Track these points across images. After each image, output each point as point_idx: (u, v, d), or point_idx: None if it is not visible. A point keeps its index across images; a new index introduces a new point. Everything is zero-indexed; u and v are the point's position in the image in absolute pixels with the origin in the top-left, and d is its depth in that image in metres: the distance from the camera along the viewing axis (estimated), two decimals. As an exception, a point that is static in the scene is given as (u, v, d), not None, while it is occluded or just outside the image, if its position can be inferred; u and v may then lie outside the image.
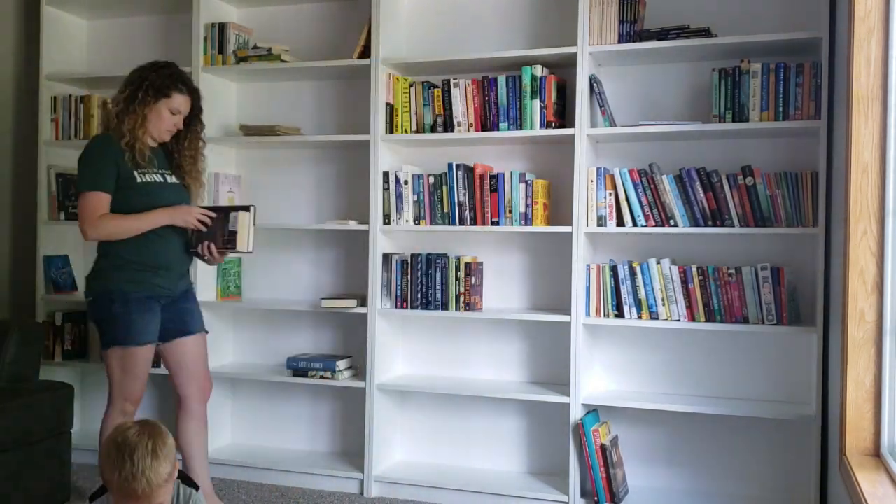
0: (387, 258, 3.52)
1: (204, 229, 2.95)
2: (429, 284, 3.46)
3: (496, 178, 3.39)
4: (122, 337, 2.86)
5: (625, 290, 3.22)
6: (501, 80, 3.39)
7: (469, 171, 3.44)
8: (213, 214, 2.95)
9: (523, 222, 3.35)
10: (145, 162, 2.92)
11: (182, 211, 2.94)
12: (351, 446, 3.77)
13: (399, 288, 3.50)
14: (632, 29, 3.22)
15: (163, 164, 3.02)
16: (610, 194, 3.24)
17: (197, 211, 2.95)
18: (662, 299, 3.17)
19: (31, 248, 4.09)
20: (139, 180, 2.90)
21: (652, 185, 3.18)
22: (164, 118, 2.94)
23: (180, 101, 2.95)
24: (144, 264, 2.89)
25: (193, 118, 3.05)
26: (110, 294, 2.86)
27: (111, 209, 2.86)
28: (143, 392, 2.99)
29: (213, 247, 2.96)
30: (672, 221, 3.17)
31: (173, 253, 2.98)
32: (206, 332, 3.14)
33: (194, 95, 3.02)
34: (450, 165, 3.44)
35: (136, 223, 2.86)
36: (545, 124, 3.33)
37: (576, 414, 3.25)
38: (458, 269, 3.42)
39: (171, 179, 3.02)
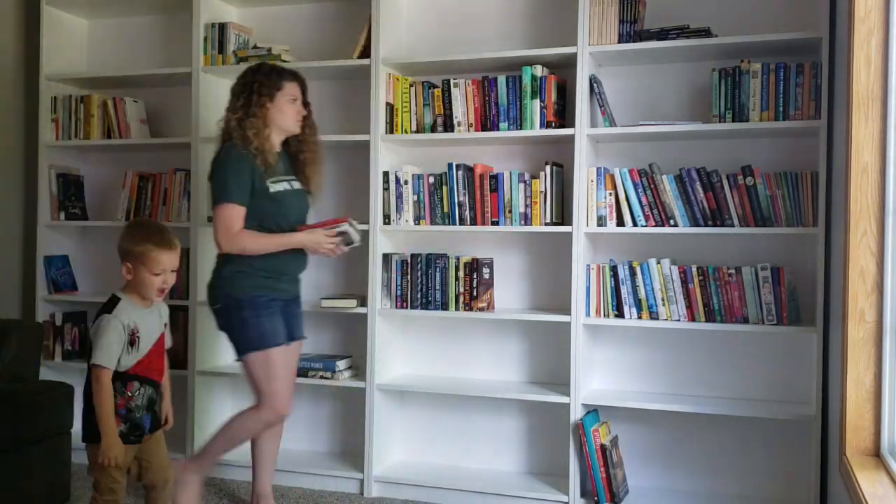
0: (387, 258, 3.53)
1: (333, 256, 3.09)
2: (429, 284, 3.46)
3: (496, 178, 3.39)
4: (258, 342, 2.92)
5: (625, 290, 3.22)
6: (501, 80, 3.39)
7: (469, 171, 3.44)
8: (337, 239, 3.04)
9: (523, 222, 3.35)
10: (275, 168, 2.98)
11: (314, 240, 2.99)
12: (351, 446, 3.77)
13: (399, 288, 3.50)
14: (632, 29, 3.22)
15: (287, 170, 3.08)
16: (610, 194, 3.24)
17: (326, 240, 3.01)
18: (662, 299, 3.17)
19: (31, 248, 4.09)
20: (272, 190, 2.97)
21: (652, 185, 3.18)
22: (287, 110, 3.00)
23: (293, 89, 3.02)
24: (270, 270, 2.97)
25: (308, 112, 3.11)
26: (239, 301, 2.92)
27: (254, 212, 2.93)
28: (291, 393, 3.07)
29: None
30: (672, 221, 3.17)
31: (295, 259, 3.06)
32: (304, 338, 3.24)
33: (302, 83, 3.08)
34: (450, 165, 3.44)
35: (270, 243, 2.95)
36: (545, 124, 3.33)
37: (576, 414, 3.25)
38: (457, 268, 3.42)
39: (297, 185, 3.08)
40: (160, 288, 2.50)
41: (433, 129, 3.49)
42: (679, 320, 3.16)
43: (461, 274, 3.42)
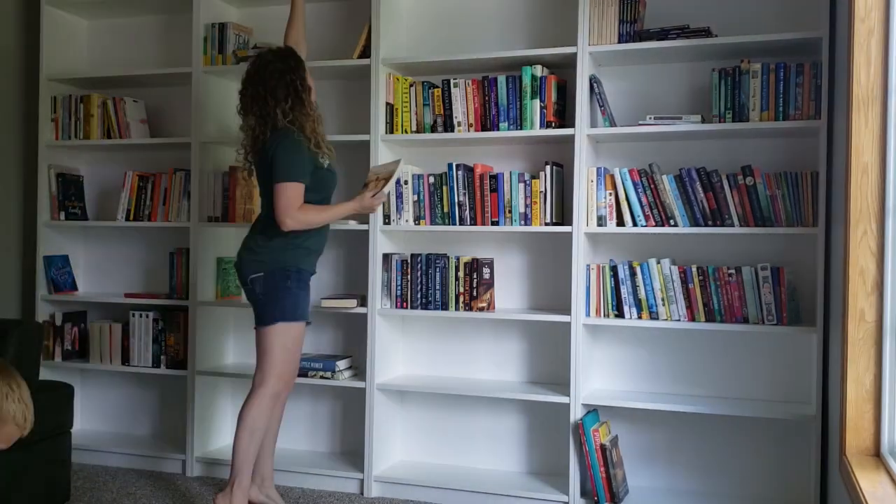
0: (387, 258, 3.53)
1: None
2: (429, 284, 3.46)
3: (496, 178, 3.39)
4: (292, 312, 2.99)
5: (625, 290, 3.22)
6: (501, 80, 3.39)
7: (469, 171, 3.44)
8: (384, 194, 3.13)
9: (523, 222, 3.35)
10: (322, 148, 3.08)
11: (364, 205, 3.10)
12: (351, 446, 3.77)
13: (399, 288, 3.50)
14: (632, 29, 3.22)
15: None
16: (610, 194, 3.24)
17: (371, 202, 3.10)
18: (662, 299, 3.17)
19: (31, 248, 4.09)
20: (325, 166, 3.09)
21: (652, 185, 3.18)
22: (314, 92, 3.14)
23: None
24: (311, 247, 3.09)
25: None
26: (286, 270, 2.99)
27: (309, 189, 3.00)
28: (296, 375, 3.15)
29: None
30: (672, 221, 3.17)
31: (326, 238, 3.17)
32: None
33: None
34: (450, 165, 3.44)
35: (328, 215, 3.07)
36: (545, 124, 3.33)
37: (576, 414, 3.25)
38: (457, 269, 3.42)
39: (327, 160, 3.14)
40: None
41: (433, 129, 3.49)
42: (679, 320, 3.16)
43: (461, 274, 3.42)
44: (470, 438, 3.65)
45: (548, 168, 3.32)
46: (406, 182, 3.49)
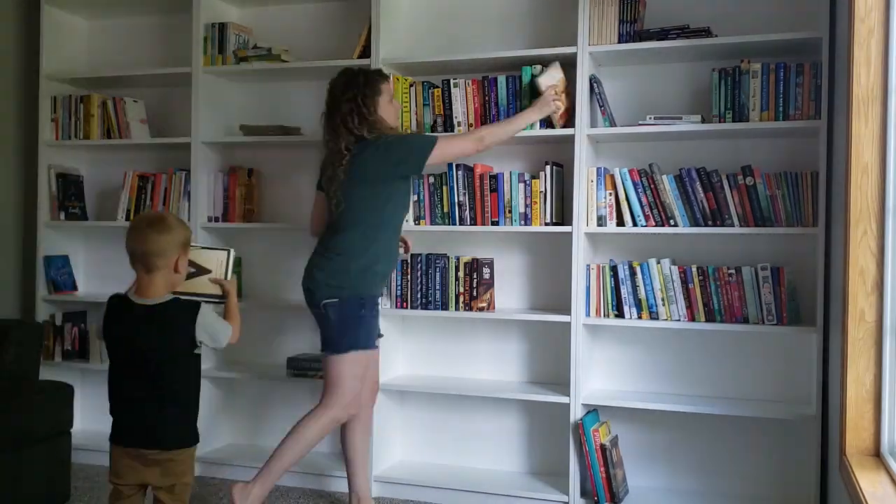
0: (387, 258, 3.53)
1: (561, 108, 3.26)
2: (429, 284, 3.46)
3: (496, 178, 3.39)
4: (365, 341, 2.99)
5: (625, 290, 3.22)
6: (501, 80, 3.39)
7: (469, 171, 3.44)
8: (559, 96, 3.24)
9: (523, 222, 3.35)
10: None
11: (547, 107, 3.21)
12: (351, 446, 3.76)
13: (399, 288, 3.50)
14: (632, 29, 3.22)
15: None
16: (610, 194, 3.24)
17: (552, 102, 3.22)
18: (662, 299, 3.18)
19: (31, 248, 4.09)
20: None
21: (652, 185, 3.18)
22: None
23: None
24: (384, 274, 3.08)
25: None
26: (361, 298, 2.96)
27: (397, 202, 3.05)
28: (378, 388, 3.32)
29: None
30: (672, 221, 3.17)
31: (397, 261, 3.21)
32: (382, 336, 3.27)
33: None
34: (450, 165, 3.44)
35: (513, 127, 3.17)
36: (545, 124, 3.33)
37: (576, 414, 3.25)
38: (457, 269, 3.43)
39: None
40: None
41: (433, 129, 3.49)
42: (679, 320, 3.16)
43: (461, 274, 3.42)
44: (470, 438, 3.64)
45: (548, 168, 3.32)
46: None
